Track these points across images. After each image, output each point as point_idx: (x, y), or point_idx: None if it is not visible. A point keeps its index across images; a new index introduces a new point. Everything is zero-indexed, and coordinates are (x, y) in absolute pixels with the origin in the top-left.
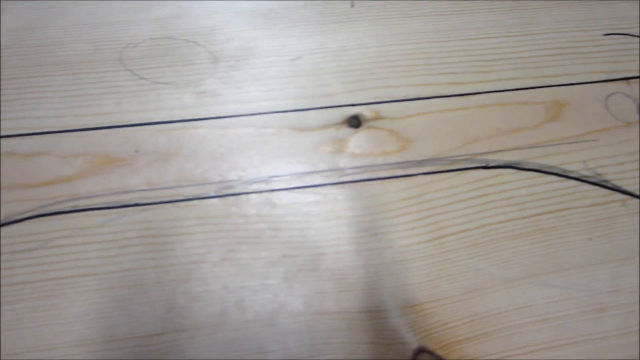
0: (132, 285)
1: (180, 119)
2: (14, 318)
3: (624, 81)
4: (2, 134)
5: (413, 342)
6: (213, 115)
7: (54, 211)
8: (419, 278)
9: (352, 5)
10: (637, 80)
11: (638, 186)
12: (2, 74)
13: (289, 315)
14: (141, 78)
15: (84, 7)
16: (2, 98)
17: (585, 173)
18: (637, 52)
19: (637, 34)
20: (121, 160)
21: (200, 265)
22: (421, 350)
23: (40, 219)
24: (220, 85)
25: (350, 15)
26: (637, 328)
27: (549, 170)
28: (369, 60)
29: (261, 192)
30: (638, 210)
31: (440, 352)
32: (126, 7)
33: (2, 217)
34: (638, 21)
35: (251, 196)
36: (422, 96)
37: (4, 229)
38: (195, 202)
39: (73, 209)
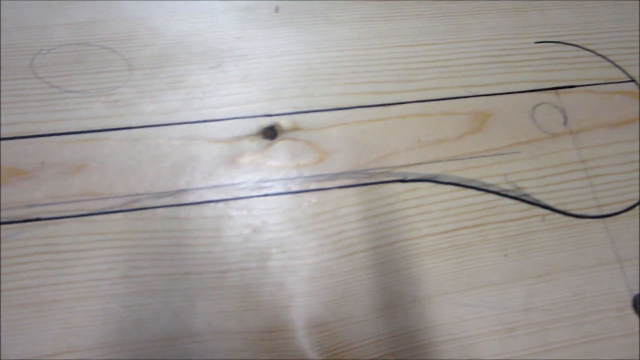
0: (28, 303)
1: (89, 129)
2: None
3: (553, 91)
4: None
5: None
6: (124, 126)
7: None
8: (327, 296)
9: (277, 11)
10: (566, 90)
11: (559, 200)
12: None
13: (189, 335)
14: (52, 86)
15: None
16: None
17: (506, 187)
18: (568, 60)
19: (569, 42)
20: (26, 172)
21: (101, 282)
22: None
23: None
24: (134, 94)
25: (275, 21)
26: (547, 347)
27: (468, 184)
28: (291, 68)
29: (168, 206)
30: (557, 225)
31: None
32: (41, 11)
33: None
34: (571, 28)
35: (158, 211)
36: (343, 106)
37: None
38: (100, 216)
39: None
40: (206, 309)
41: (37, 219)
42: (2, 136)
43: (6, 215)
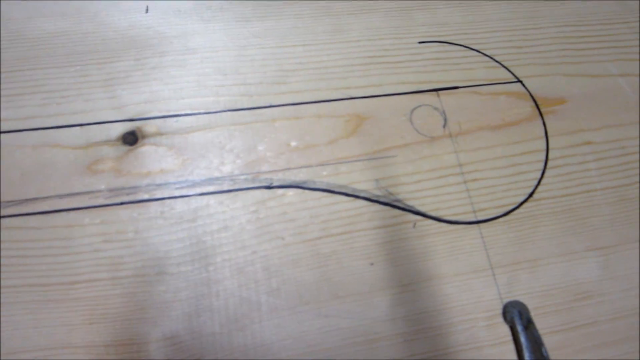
0: None
1: None
2: None
3: (434, 92)
4: None
5: None
6: None
7: None
8: (180, 308)
9: (147, 11)
10: (448, 91)
11: (433, 206)
12: None
13: (32, 349)
14: None
15: None
16: None
17: (377, 192)
18: (453, 61)
19: (455, 42)
20: None
21: None
22: None
23: None
24: None
25: (144, 22)
26: (411, 359)
27: (337, 189)
28: (156, 71)
29: (16, 215)
30: (429, 232)
31: None
32: None
33: None
34: (458, 28)
35: (4, 220)
36: (210, 110)
37: None
38: None
39: None
40: (49, 322)
41: None
42: None
43: None
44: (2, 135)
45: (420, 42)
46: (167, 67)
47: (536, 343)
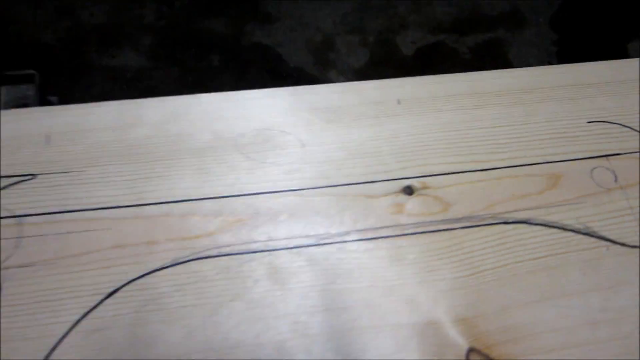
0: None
1: (281, 189)
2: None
3: (604, 158)
4: (156, 201)
5: (464, 345)
6: (295, 188)
7: (205, 256)
8: (463, 300)
9: (399, 103)
10: (614, 156)
11: (617, 236)
12: (154, 157)
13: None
14: (251, 160)
15: (202, 105)
16: (154, 175)
17: (579, 227)
18: (614, 135)
19: (613, 121)
20: (245, 220)
21: None
22: (471, 350)
23: (198, 261)
24: (304, 165)
25: (398, 111)
26: (624, 338)
27: (552, 224)
28: (413, 145)
29: (334, 243)
30: (618, 253)
31: (485, 352)
32: (233, 106)
33: (171, 260)
34: (613, 111)
35: (348, 244)
36: (455, 171)
37: (173, 268)
38: (301, 249)
39: (219, 254)
40: None
41: (260, 251)
42: (225, 194)
43: (238, 248)
44: (328, 188)
45: (589, 122)
46: (419, 142)
47: None
